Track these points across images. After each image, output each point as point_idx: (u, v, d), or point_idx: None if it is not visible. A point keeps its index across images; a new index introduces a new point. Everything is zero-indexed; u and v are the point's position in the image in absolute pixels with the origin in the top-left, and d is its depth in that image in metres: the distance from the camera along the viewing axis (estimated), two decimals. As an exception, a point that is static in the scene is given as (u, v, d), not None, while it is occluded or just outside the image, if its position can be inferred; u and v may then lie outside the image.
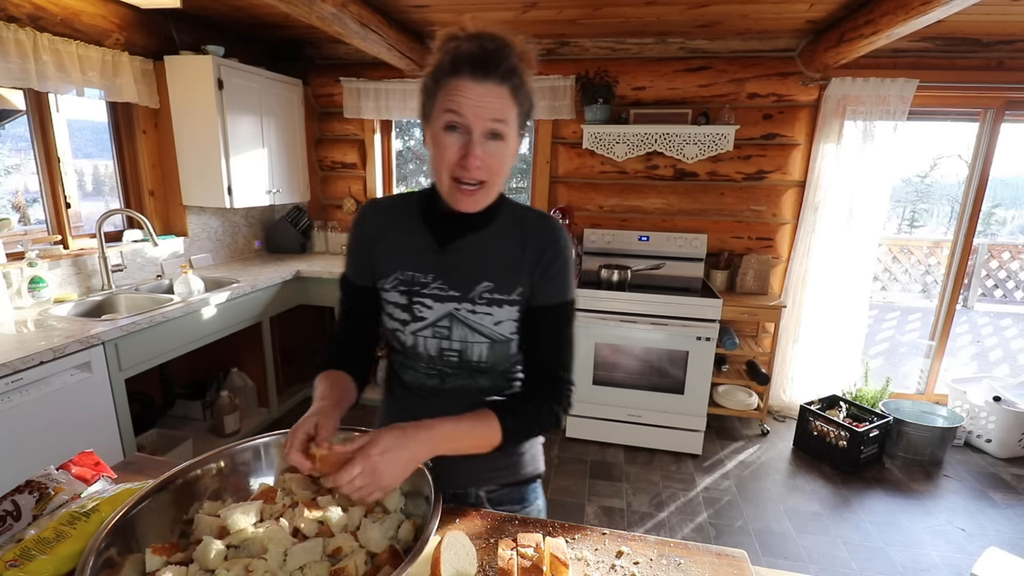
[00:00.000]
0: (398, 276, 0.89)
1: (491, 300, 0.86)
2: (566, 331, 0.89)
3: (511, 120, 0.77)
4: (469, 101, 0.73)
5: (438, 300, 0.87)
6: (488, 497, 0.96)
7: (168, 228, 2.90)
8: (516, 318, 0.87)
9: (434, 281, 0.87)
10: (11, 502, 0.76)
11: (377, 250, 0.91)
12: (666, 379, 2.83)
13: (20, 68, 2.02)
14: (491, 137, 0.76)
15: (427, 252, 0.88)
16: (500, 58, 0.74)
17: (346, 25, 2.31)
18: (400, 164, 5.07)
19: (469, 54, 0.73)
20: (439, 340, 0.87)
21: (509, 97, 0.76)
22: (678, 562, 0.77)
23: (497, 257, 0.87)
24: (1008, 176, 9.43)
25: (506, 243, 0.87)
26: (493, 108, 0.74)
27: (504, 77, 0.74)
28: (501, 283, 0.86)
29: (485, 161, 0.76)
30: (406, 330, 0.88)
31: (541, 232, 0.88)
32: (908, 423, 2.77)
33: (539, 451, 1.02)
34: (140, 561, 0.66)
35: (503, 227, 0.88)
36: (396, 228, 0.90)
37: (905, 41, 2.74)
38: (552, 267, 0.87)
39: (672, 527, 2.27)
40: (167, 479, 0.75)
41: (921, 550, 2.16)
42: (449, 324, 0.87)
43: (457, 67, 0.73)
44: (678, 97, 3.06)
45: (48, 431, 1.69)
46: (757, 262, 3.06)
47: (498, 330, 0.86)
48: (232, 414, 2.73)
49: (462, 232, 0.87)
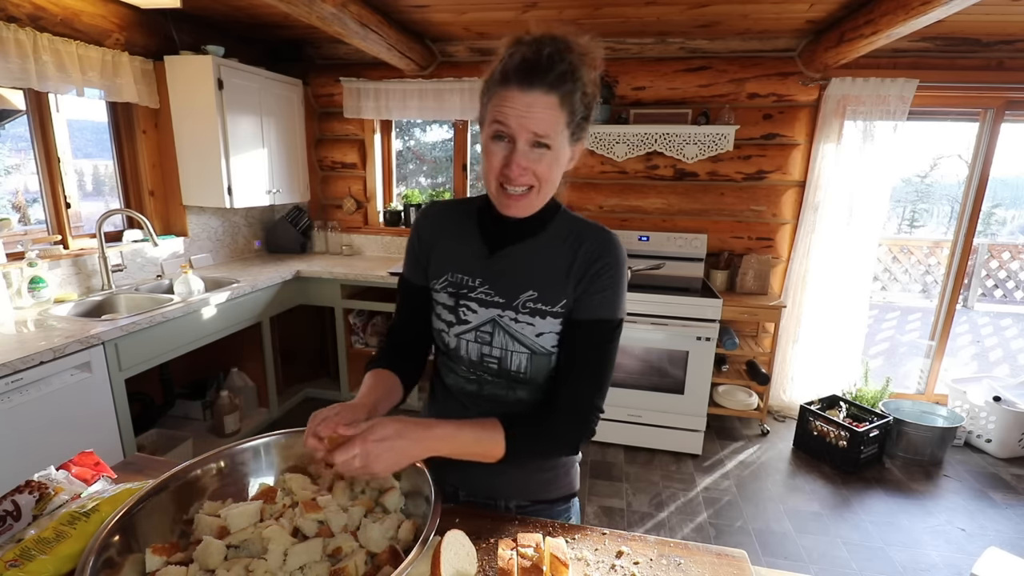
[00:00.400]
0: (448, 278, 0.90)
1: (534, 310, 0.84)
2: (604, 352, 0.83)
3: (557, 129, 0.76)
4: (514, 111, 0.74)
5: (483, 305, 0.87)
6: (519, 512, 0.94)
7: (168, 228, 2.90)
8: (559, 331, 0.85)
9: (481, 286, 0.87)
10: (11, 502, 0.76)
11: (433, 251, 0.92)
12: (666, 379, 2.83)
13: (20, 68, 2.02)
14: (536, 146, 0.76)
15: (477, 257, 0.89)
16: (551, 64, 0.73)
17: (346, 25, 2.31)
18: (400, 164, 5.06)
19: (520, 62, 0.73)
20: (480, 345, 0.87)
21: (557, 106, 0.74)
22: (678, 562, 0.77)
23: (544, 266, 0.86)
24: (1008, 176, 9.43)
25: (556, 253, 0.86)
26: (537, 119, 0.74)
27: (553, 85, 0.73)
28: (545, 293, 0.85)
29: (529, 168, 0.77)
30: (450, 332, 0.89)
31: (594, 244, 0.85)
32: (908, 423, 2.77)
33: (576, 470, 1.00)
34: (140, 561, 0.66)
35: (555, 237, 0.87)
36: (451, 232, 0.92)
37: (905, 41, 2.74)
38: (599, 280, 0.83)
39: (672, 527, 2.27)
40: (167, 479, 0.75)
41: (921, 550, 2.16)
42: (491, 330, 0.86)
43: (506, 76, 0.74)
44: (678, 97, 3.06)
45: (48, 431, 1.69)
46: (757, 262, 3.06)
47: (539, 342, 0.84)
48: (232, 414, 2.73)
49: (512, 239, 0.87)
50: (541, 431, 0.82)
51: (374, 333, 3.25)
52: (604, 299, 0.83)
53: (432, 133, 6.94)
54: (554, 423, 0.82)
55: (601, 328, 0.83)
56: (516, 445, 0.79)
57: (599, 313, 0.83)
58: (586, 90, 0.77)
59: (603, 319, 0.83)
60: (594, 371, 0.83)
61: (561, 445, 0.85)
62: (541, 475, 0.95)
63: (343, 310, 3.12)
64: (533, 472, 0.94)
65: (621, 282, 0.84)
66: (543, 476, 0.95)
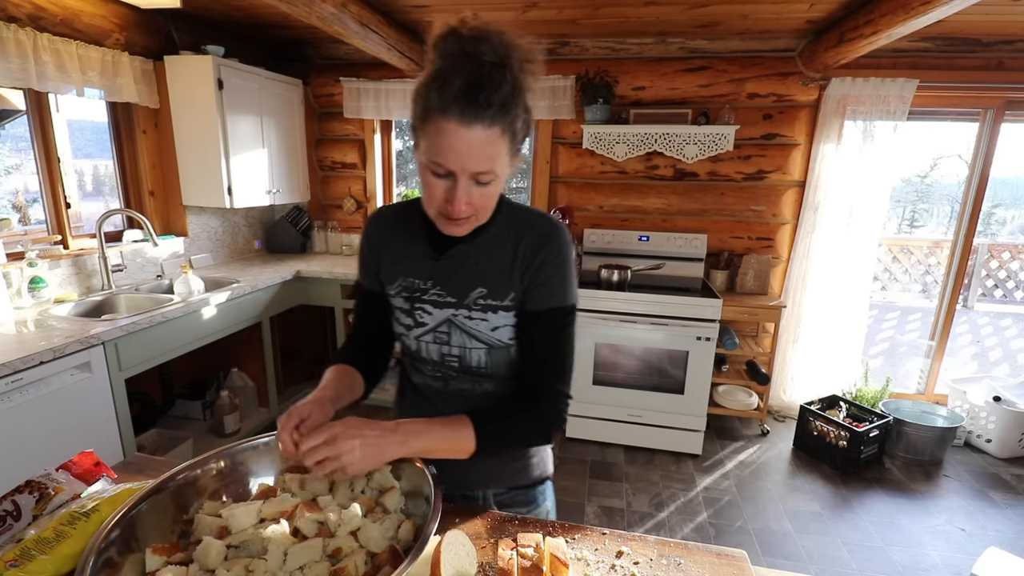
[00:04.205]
0: (401, 283, 0.91)
1: (485, 306, 0.86)
2: (562, 338, 0.85)
3: (500, 163, 0.73)
4: (454, 152, 0.69)
5: (437, 306, 0.88)
6: (496, 500, 0.98)
7: (168, 228, 2.90)
8: (513, 324, 0.86)
9: (433, 287, 0.88)
10: (11, 502, 0.76)
11: (383, 257, 0.93)
12: (666, 379, 2.83)
13: (20, 68, 2.02)
14: (478, 183, 0.74)
15: (425, 259, 0.89)
16: (493, 89, 0.67)
17: (346, 25, 2.31)
18: (400, 164, 5.06)
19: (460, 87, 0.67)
20: (440, 345, 0.89)
21: (499, 137, 0.70)
22: (678, 562, 0.77)
23: (490, 263, 0.86)
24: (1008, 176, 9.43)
25: (500, 248, 0.86)
26: (479, 158, 0.70)
27: (495, 117, 0.68)
28: (494, 289, 0.86)
29: (471, 202, 0.75)
30: (410, 335, 0.91)
31: (535, 236, 0.85)
32: (908, 423, 2.77)
33: (548, 454, 1.02)
34: (140, 561, 0.66)
35: (499, 232, 0.87)
36: (399, 236, 0.92)
37: (905, 41, 2.74)
38: (545, 270, 0.83)
39: (672, 527, 2.27)
40: (167, 479, 0.75)
41: (921, 550, 2.16)
42: (448, 330, 0.88)
43: (446, 105, 0.68)
44: (678, 97, 3.06)
45: (48, 431, 1.69)
46: (757, 262, 3.06)
47: (495, 336, 0.86)
48: (232, 414, 2.73)
49: (458, 239, 0.87)
50: (510, 424, 0.83)
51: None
52: (552, 288, 0.84)
53: (432, 133, 6.92)
54: (522, 415, 0.83)
55: (554, 316, 0.84)
56: (487, 440, 0.79)
57: (550, 303, 0.84)
58: (527, 107, 0.74)
59: (555, 308, 0.84)
60: (555, 359, 0.84)
61: (532, 436, 0.86)
62: (514, 463, 0.97)
63: (343, 310, 3.12)
64: (507, 461, 0.96)
65: (567, 269, 0.84)
66: (516, 464, 0.97)
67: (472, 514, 0.86)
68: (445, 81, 0.68)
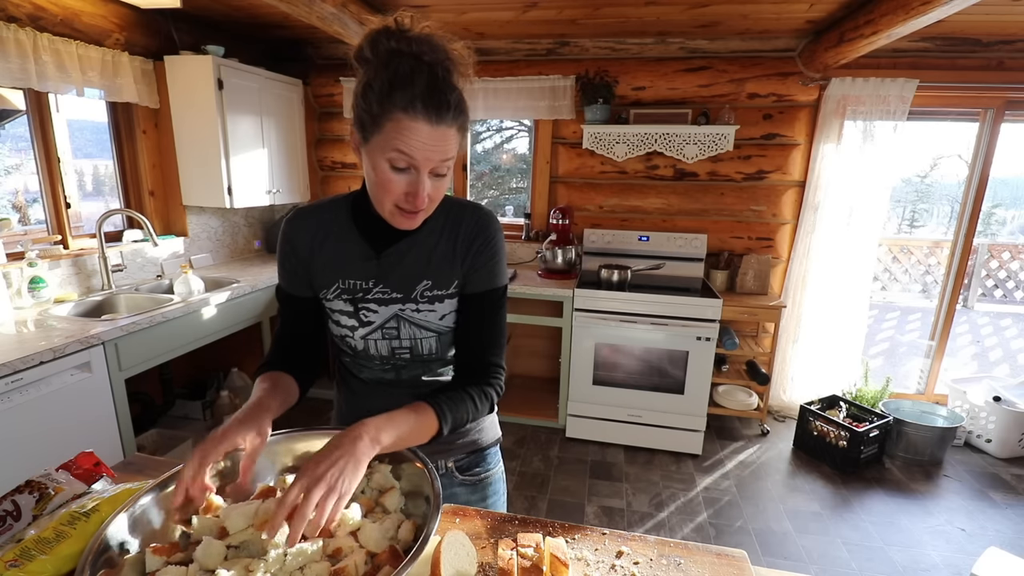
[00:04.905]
0: (340, 285, 0.90)
1: (432, 297, 0.89)
2: (498, 317, 0.92)
3: (455, 156, 0.78)
4: (422, 146, 0.73)
5: (382, 304, 0.89)
6: (457, 466, 1.03)
7: (168, 228, 2.90)
8: (457, 308, 0.91)
9: (375, 286, 0.89)
10: (11, 502, 0.76)
11: (314, 262, 0.91)
12: (666, 379, 2.83)
13: (20, 68, 2.02)
14: (436, 175, 0.77)
15: (364, 260, 0.89)
16: (450, 89, 0.73)
17: (346, 25, 2.31)
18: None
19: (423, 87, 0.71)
20: (389, 340, 0.91)
21: (456, 135, 0.76)
22: (678, 562, 0.77)
23: (432, 255, 0.89)
24: (1008, 176, 9.42)
25: (439, 240, 0.90)
26: (442, 150, 0.74)
27: (455, 116, 0.74)
28: (439, 279, 0.89)
29: (430, 195, 0.78)
30: (355, 335, 0.92)
31: (471, 223, 0.90)
32: (908, 423, 2.77)
33: (494, 419, 1.09)
34: (140, 561, 0.66)
35: (435, 225, 0.90)
36: (330, 238, 0.90)
37: (905, 41, 2.74)
38: (481, 256, 0.89)
39: (672, 527, 2.27)
40: (167, 479, 0.75)
41: (921, 550, 2.16)
42: (396, 325, 0.90)
43: (410, 103, 0.71)
44: (678, 97, 3.06)
45: (48, 431, 1.69)
46: (757, 262, 3.06)
47: (443, 323, 0.91)
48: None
49: (396, 236, 0.88)
50: (464, 397, 0.85)
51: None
52: (489, 271, 0.90)
53: (432, 133, 6.90)
54: (473, 391, 0.87)
55: (491, 297, 0.91)
56: (448, 417, 0.81)
57: (487, 284, 0.90)
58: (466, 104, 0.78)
59: (491, 289, 0.90)
60: (493, 336, 0.91)
61: (483, 406, 0.88)
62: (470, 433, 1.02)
63: (343, 310, 3.12)
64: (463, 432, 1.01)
65: (500, 253, 0.92)
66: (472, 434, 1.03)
67: (472, 514, 0.86)
68: (405, 81, 0.71)
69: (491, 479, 1.07)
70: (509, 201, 5.92)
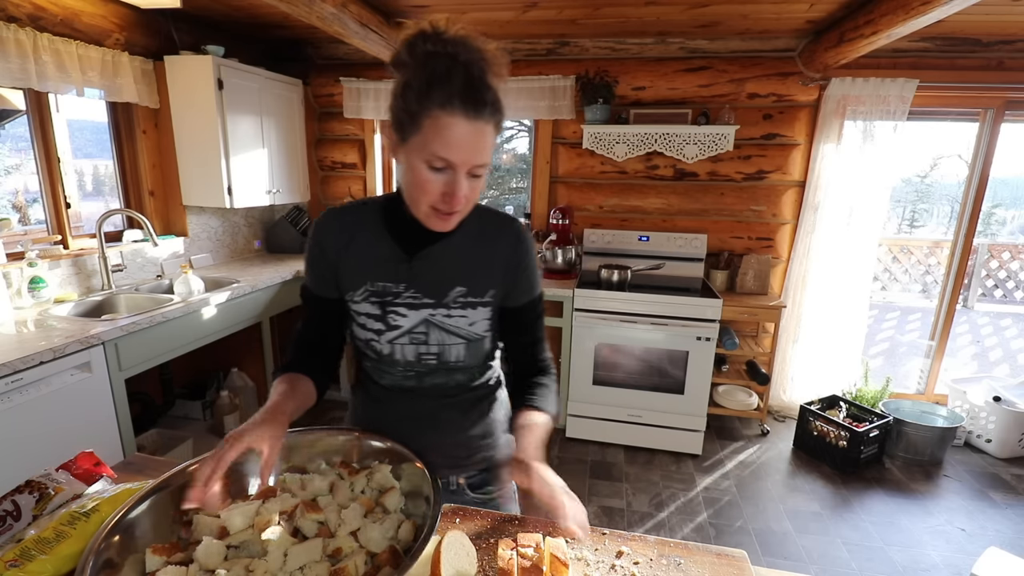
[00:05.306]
0: (368, 288, 0.89)
1: (465, 303, 0.89)
2: (541, 320, 0.98)
3: (491, 154, 0.77)
4: (461, 144, 0.72)
5: (412, 308, 0.88)
6: (469, 483, 1.01)
7: (168, 228, 2.90)
8: (489, 317, 0.91)
9: (406, 290, 0.88)
10: (11, 502, 0.76)
11: (342, 263, 0.89)
12: (666, 379, 2.83)
13: (20, 68, 2.02)
14: (472, 176, 0.77)
15: (396, 262, 0.88)
16: (487, 87, 0.73)
17: (346, 25, 2.31)
18: (400, 164, 5.08)
19: (461, 85, 0.71)
20: (416, 346, 0.90)
21: (493, 132, 0.76)
22: (678, 562, 0.77)
23: (467, 262, 0.89)
24: (1008, 176, 9.43)
25: (474, 247, 0.89)
26: (480, 150, 0.74)
27: (492, 113, 0.74)
28: (474, 287, 0.89)
29: (466, 196, 0.77)
30: (381, 339, 0.90)
31: (510, 234, 0.91)
32: (908, 423, 2.77)
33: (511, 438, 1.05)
34: (140, 561, 0.66)
35: (469, 231, 0.89)
36: (360, 239, 0.89)
37: (905, 41, 2.74)
38: (523, 270, 0.92)
39: (672, 527, 2.27)
40: (167, 479, 0.75)
41: (921, 550, 2.16)
42: (426, 330, 0.89)
43: (448, 100, 0.71)
44: (678, 97, 3.06)
45: (48, 431, 1.69)
46: (757, 262, 3.06)
47: (473, 330, 0.90)
48: (232, 414, 2.73)
49: (429, 240, 0.87)
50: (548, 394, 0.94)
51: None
52: (529, 283, 0.94)
53: (432, 133, 6.90)
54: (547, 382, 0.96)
55: (534, 305, 0.96)
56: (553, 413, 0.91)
57: (530, 295, 0.94)
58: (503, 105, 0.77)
59: (533, 298, 0.95)
60: (541, 336, 0.99)
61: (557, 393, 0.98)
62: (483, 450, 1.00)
63: (343, 310, 3.12)
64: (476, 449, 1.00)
65: (536, 262, 0.96)
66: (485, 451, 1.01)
67: (472, 514, 0.86)
68: (443, 79, 0.71)
69: (503, 497, 1.05)
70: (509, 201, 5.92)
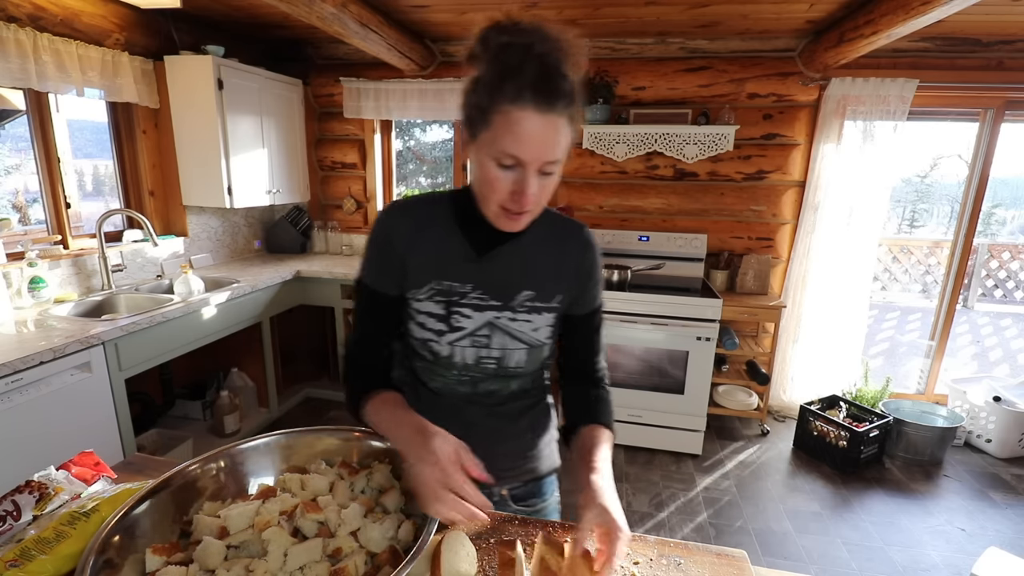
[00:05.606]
0: (434, 286, 0.85)
1: (532, 308, 0.86)
2: (602, 329, 0.97)
3: (565, 151, 0.73)
4: (531, 140, 0.68)
5: (477, 310, 0.85)
6: (512, 495, 0.99)
7: (168, 228, 2.90)
8: (552, 323, 0.89)
9: (473, 291, 0.85)
10: (11, 502, 0.76)
11: (409, 258, 0.85)
12: (666, 379, 2.82)
13: (20, 68, 2.02)
14: (543, 174, 0.73)
15: (464, 261, 0.85)
16: (561, 78, 0.69)
17: (346, 25, 2.31)
18: (400, 164, 5.06)
19: (533, 76, 0.67)
20: (477, 349, 0.86)
21: (567, 127, 0.71)
22: (678, 562, 0.77)
23: (536, 265, 0.86)
24: (1008, 176, 9.44)
25: (544, 251, 0.87)
26: (551, 146, 0.70)
27: (566, 105, 0.69)
28: (541, 291, 0.87)
29: (536, 195, 0.73)
30: (441, 340, 0.86)
31: (579, 243, 0.89)
32: (908, 423, 2.77)
33: (555, 447, 1.06)
34: (140, 561, 0.66)
35: (538, 234, 0.87)
36: (429, 234, 0.85)
37: (905, 41, 2.74)
38: (592, 278, 0.91)
39: (672, 527, 2.27)
40: (167, 479, 0.75)
41: (921, 550, 2.16)
42: (489, 333, 0.86)
43: (519, 93, 0.67)
44: (678, 97, 3.06)
45: (48, 431, 1.69)
46: (757, 262, 3.06)
47: (535, 336, 0.88)
48: (232, 414, 2.73)
49: (499, 240, 0.84)
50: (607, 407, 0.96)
51: (374, 333, 3.24)
52: (594, 293, 0.93)
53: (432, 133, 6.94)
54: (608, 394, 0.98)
55: (597, 315, 0.95)
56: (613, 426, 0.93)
57: (593, 304, 0.93)
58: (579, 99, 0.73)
59: (596, 308, 0.94)
60: (600, 346, 0.98)
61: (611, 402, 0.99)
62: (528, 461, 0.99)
63: (343, 310, 3.12)
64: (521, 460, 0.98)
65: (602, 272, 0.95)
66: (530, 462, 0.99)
67: (472, 514, 0.85)
68: (515, 71, 0.68)
69: (546, 511, 1.03)
70: (509, 201, 5.91)
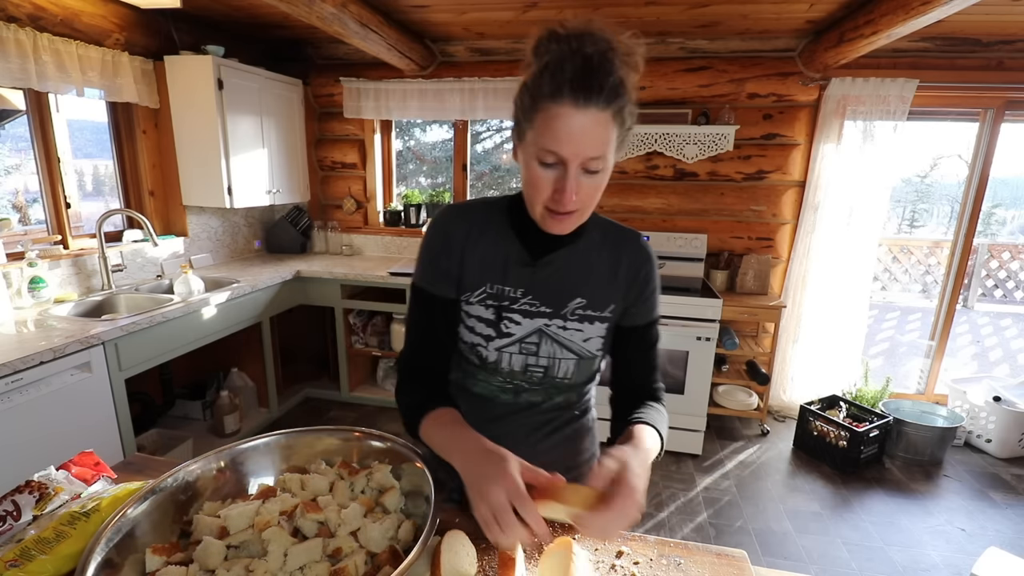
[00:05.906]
0: (487, 290, 0.84)
1: (583, 316, 0.85)
2: (658, 344, 0.92)
3: (610, 148, 0.70)
4: (570, 135, 0.67)
5: (528, 316, 0.84)
6: None
7: (168, 228, 2.90)
8: (603, 335, 0.86)
9: (524, 296, 0.84)
10: (11, 502, 0.76)
11: (467, 259, 0.84)
12: (666, 379, 2.79)
13: (20, 68, 2.02)
14: (587, 172, 0.71)
15: (519, 265, 0.84)
16: (604, 74, 0.67)
17: (346, 25, 2.31)
18: (400, 164, 5.06)
19: (572, 72, 0.66)
20: (525, 356, 0.85)
21: (611, 122, 0.69)
22: (678, 562, 0.77)
23: (590, 273, 0.85)
24: (1008, 176, 9.43)
25: (598, 259, 0.85)
26: (592, 142, 0.68)
27: (608, 100, 0.67)
28: (594, 300, 0.85)
29: (579, 195, 0.71)
30: (489, 346, 0.84)
31: (635, 251, 0.87)
32: (908, 423, 2.77)
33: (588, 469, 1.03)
34: (140, 561, 0.66)
35: (593, 241, 0.85)
36: (487, 237, 0.84)
37: (905, 41, 2.74)
38: (648, 287, 0.87)
39: (672, 527, 2.27)
40: (167, 479, 0.75)
41: (921, 550, 2.16)
42: (538, 340, 0.84)
43: (558, 89, 0.66)
44: (678, 97, 3.06)
45: (48, 431, 1.69)
46: (757, 262, 3.06)
47: (586, 346, 0.86)
48: (232, 414, 2.73)
49: (554, 245, 0.83)
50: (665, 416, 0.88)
51: (374, 333, 3.24)
52: (651, 304, 0.89)
53: (432, 133, 6.93)
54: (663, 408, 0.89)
55: (656, 327, 0.91)
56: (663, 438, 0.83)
57: (653, 315, 0.89)
58: (632, 98, 0.71)
59: (653, 320, 0.90)
60: (657, 361, 0.92)
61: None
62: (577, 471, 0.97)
63: (343, 310, 3.12)
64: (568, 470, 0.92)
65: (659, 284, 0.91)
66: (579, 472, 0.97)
67: (472, 514, 0.85)
68: (556, 69, 0.68)
69: None
70: (509, 201, 5.90)
